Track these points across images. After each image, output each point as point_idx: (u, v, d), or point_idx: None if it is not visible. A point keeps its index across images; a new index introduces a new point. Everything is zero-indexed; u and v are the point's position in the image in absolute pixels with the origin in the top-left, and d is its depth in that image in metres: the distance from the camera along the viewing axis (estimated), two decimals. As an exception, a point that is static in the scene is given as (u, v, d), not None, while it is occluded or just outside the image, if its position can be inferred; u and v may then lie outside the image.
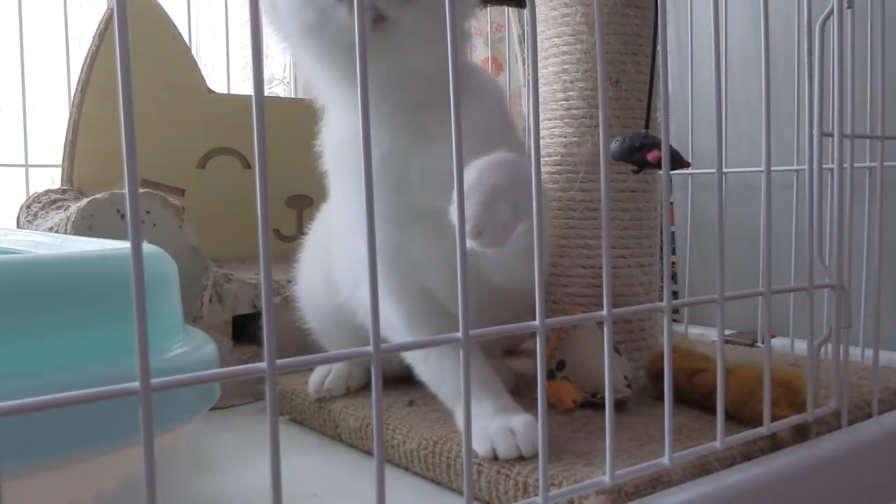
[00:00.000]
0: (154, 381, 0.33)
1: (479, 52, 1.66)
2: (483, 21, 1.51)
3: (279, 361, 0.36)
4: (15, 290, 0.45)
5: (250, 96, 0.35)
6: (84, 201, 0.88)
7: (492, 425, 0.62)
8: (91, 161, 1.12)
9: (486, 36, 1.61)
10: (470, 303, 0.41)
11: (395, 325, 0.70)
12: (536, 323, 0.47)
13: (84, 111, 1.11)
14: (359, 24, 0.39)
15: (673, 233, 1.36)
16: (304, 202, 1.28)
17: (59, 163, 1.14)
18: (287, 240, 1.27)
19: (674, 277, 1.37)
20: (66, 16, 1.26)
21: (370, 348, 0.39)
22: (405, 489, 0.66)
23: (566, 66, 0.82)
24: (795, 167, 1.14)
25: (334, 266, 0.79)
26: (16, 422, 0.33)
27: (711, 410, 0.62)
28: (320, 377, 0.83)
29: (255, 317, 0.98)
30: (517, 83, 1.62)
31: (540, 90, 0.85)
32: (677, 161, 0.69)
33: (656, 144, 0.71)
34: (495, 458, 0.60)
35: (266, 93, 1.49)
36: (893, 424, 0.73)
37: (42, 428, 0.42)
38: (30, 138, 1.23)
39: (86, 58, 1.12)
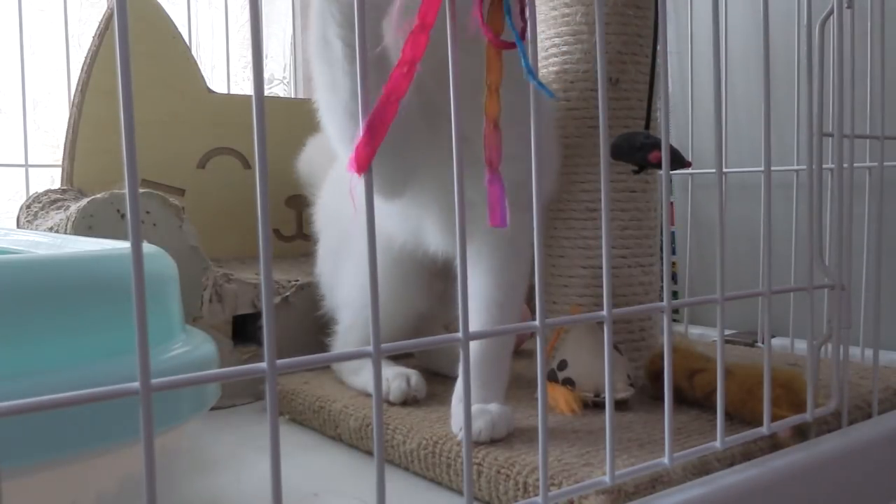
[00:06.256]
0: (154, 381, 0.33)
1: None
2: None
3: (279, 361, 0.36)
4: (15, 290, 0.45)
5: (250, 96, 0.35)
6: (84, 201, 0.88)
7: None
8: (91, 161, 1.12)
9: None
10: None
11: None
12: (536, 323, 0.47)
13: (84, 111, 1.11)
14: (358, 14, 0.39)
15: (673, 233, 1.36)
16: (303, 202, 1.28)
17: (59, 163, 1.14)
18: (287, 240, 1.27)
19: (674, 277, 1.37)
20: (66, 16, 1.26)
21: (370, 348, 0.40)
22: (405, 489, 0.66)
23: (566, 66, 0.82)
24: (795, 167, 1.14)
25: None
26: (16, 422, 0.33)
27: (711, 410, 0.62)
28: (402, 384, 0.79)
29: (255, 317, 0.98)
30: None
31: (540, 90, 0.85)
32: (678, 161, 0.69)
33: (657, 144, 0.71)
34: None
35: (266, 93, 1.49)
36: (893, 424, 0.73)
37: (42, 428, 0.42)
38: (30, 138, 1.23)
39: (86, 58, 1.12)
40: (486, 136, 0.46)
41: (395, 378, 0.79)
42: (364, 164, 0.39)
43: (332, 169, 1.01)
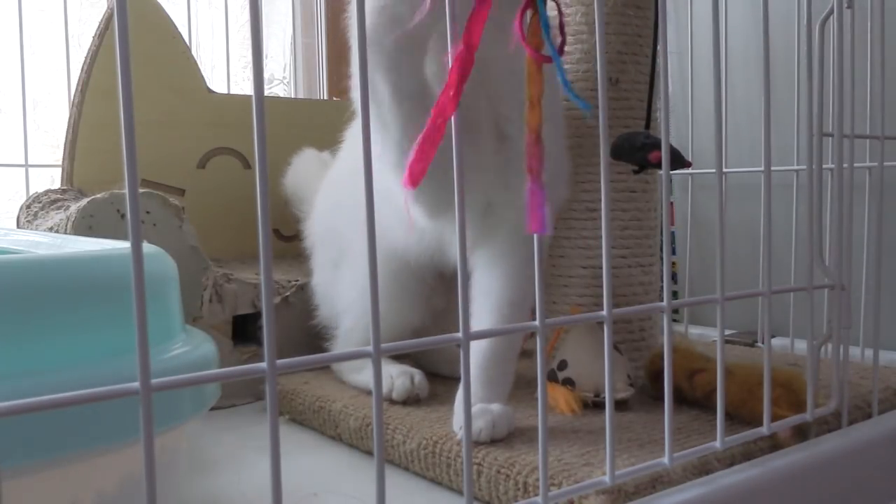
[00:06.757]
0: (154, 381, 0.33)
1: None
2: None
3: (279, 361, 0.36)
4: (15, 290, 0.45)
5: (250, 96, 0.35)
6: (84, 201, 0.88)
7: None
8: (91, 161, 1.12)
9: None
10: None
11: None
12: (536, 323, 0.47)
13: (84, 111, 1.11)
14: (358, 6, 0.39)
15: (673, 233, 1.36)
16: (303, 202, 1.28)
17: (59, 163, 1.14)
18: (287, 240, 1.27)
19: (674, 277, 1.37)
20: (66, 16, 1.26)
21: (370, 348, 0.40)
22: (405, 489, 0.66)
23: (566, 66, 0.82)
24: (795, 167, 1.14)
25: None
26: (16, 422, 0.33)
27: (711, 410, 0.62)
28: (406, 382, 0.79)
29: (255, 317, 0.98)
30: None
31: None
32: (678, 161, 0.69)
33: (657, 144, 0.71)
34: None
35: (266, 93, 1.49)
36: (893, 424, 0.73)
37: (42, 428, 0.42)
38: (30, 138, 1.23)
39: (86, 58, 1.12)
40: (528, 145, 0.46)
41: (399, 376, 0.79)
42: (417, 179, 0.43)
43: (322, 183, 0.99)
